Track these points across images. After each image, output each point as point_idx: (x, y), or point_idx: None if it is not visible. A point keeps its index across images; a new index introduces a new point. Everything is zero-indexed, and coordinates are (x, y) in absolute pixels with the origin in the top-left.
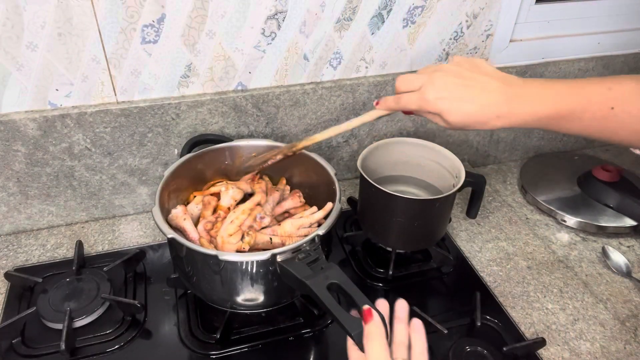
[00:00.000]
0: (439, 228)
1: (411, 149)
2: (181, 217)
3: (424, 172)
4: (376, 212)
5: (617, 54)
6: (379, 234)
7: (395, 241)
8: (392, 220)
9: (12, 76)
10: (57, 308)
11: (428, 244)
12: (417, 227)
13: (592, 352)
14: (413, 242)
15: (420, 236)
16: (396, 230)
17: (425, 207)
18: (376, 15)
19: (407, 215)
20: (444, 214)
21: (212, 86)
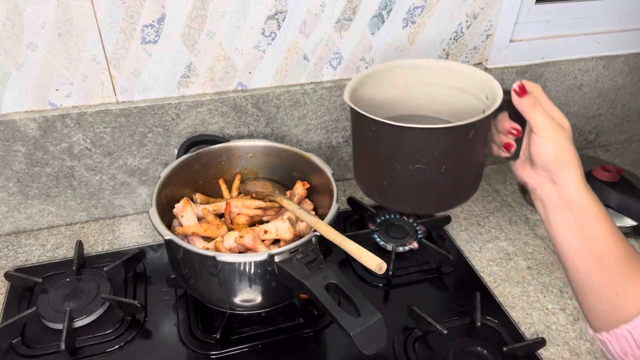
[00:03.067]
0: (475, 173)
1: (415, 74)
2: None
3: (437, 104)
4: (382, 162)
5: (617, 54)
6: (390, 196)
7: (415, 201)
8: (408, 169)
9: (12, 76)
10: (57, 308)
11: (462, 199)
12: (446, 173)
13: (592, 352)
14: (442, 199)
15: (451, 188)
16: (416, 185)
17: (454, 139)
18: (376, 15)
19: (431, 156)
20: (480, 150)
21: (212, 86)
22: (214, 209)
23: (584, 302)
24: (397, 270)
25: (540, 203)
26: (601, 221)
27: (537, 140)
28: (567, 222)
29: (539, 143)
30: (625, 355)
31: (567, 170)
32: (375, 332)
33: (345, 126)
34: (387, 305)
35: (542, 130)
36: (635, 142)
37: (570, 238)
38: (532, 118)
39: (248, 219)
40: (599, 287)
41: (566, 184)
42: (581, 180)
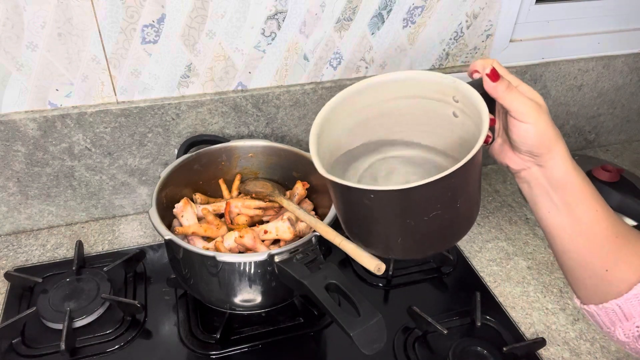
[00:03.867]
0: (480, 191)
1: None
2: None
3: (408, 120)
4: (391, 224)
5: (617, 54)
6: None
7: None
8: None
9: (12, 76)
10: (57, 308)
11: (476, 216)
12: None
13: (592, 352)
14: (458, 231)
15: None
16: (434, 230)
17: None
18: (376, 15)
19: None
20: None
21: (212, 86)
22: (214, 209)
23: (572, 277)
24: (397, 270)
25: (526, 185)
26: (589, 199)
27: (517, 125)
28: (555, 202)
29: (521, 128)
30: (613, 325)
31: (553, 152)
32: (375, 332)
33: None
34: (387, 305)
35: (523, 115)
36: (635, 142)
37: (558, 218)
38: (509, 103)
39: (248, 219)
40: (588, 264)
41: (553, 166)
42: (568, 159)
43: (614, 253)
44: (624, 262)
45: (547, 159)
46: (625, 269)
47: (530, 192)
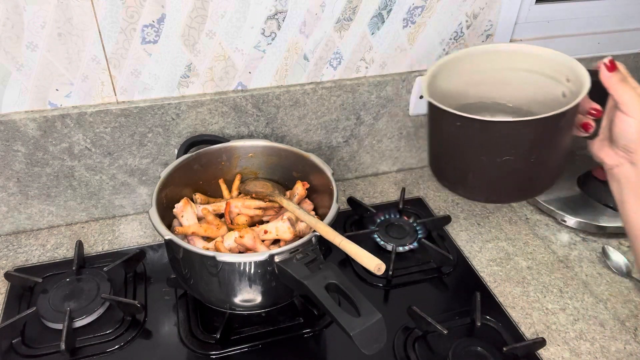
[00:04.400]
0: (562, 159)
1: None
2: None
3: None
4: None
5: (617, 54)
6: (475, 188)
7: (500, 192)
8: (495, 161)
9: (12, 76)
10: (57, 308)
11: (547, 186)
12: (535, 163)
13: (592, 352)
14: (528, 187)
15: (538, 176)
16: (503, 176)
17: (546, 130)
18: (376, 15)
19: (521, 147)
20: (568, 136)
21: (212, 86)
22: (214, 209)
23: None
24: (397, 270)
25: (616, 183)
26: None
27: (621, 118)
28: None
29: (623, 121)
30: None
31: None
32: (375, 332)
33: (345, 126)
34: (387, 305)
35: (628, 107)
36: None
37: None
38: (619, 94)
39: (248, 219)
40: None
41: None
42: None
43: None
44: None
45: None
46: None
47: (620, 192)
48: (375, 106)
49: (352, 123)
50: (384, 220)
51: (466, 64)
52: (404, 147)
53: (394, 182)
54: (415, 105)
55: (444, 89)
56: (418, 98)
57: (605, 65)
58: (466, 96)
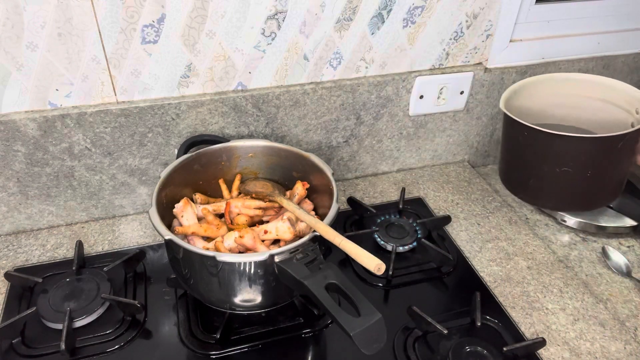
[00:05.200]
0: (619, 180)
1: (566, 87)
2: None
3: (585, 115)
4: (531, 163)
5: (617, 54)
6: (534, 193)
7: (557, 200)
8: (555, 171)
9: (12, 76)
10: (57, 308)
11: (602, 203)
12: (591, 178)
13: (592, 352)
14: (583, 200)
15: (594, 191)
16: (560, 185)
17: (603, 148)
18: (376, 15)
19: (579, 161)
20: (626, 160)
21: (212, 86)
22: (214, 209)
23: None
24: (397, 270)
25: None
26: None
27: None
28: None
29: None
30: None
31: None
32: (375, 332)
33: (345, 126)
34: (387, 305)
35: None
36: None
37: None
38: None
39: (248, 219)
40: None
41: None
42: None
43: None
44: None
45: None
46: None
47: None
48: (375, 106)
49: (352, 123)
50: (384, 220)
51: (547, 88)
52: (404, 147)
53: (394, 182)
54: (415, 105)
55: (524, 106)
56: (418, 98)
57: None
58: (546, 116)
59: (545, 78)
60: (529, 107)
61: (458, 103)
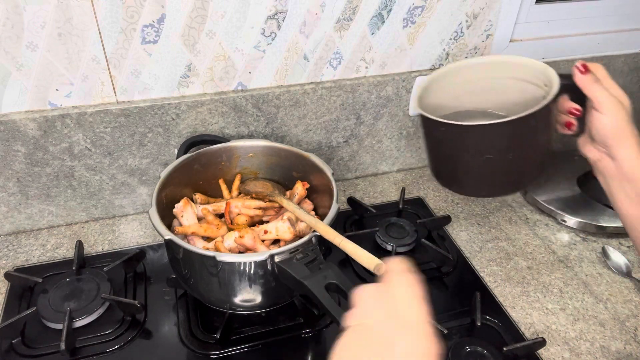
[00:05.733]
0: (542, 156)
1: (476, 71)
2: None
3: (500, 97)
4: (454, 156)
5: (617, 54)
6: (466, 185)
7: (488, 187)
8: (478, 160)
9: (12, 76)
10: (57, 308)
11: (530, 181)
12: (515, 160)
13: (592, 352)
14: (512, 182)
15: (520, 171)
16: (488, 173)
17: (517, 130)
18: (376, 15)
19: (497, 147)
20: (544, 135)
21: (212, 86)
22: (214, 209)
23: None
24: None
25: (602, 176)
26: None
27: (596, 116)
28: (627, 193)
29: (598, 118)
30: None
31: (624, 145)
32: None
33: (345, 126)
34: None
35: (602, 105)
36: None
37: (632, 208)
38: (592, 93)
39: (248, 219)
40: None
41: (623, 158)
42: (638, 154)
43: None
44: None
45: (618, 151)
46: None
47: (606, 183)
48: (375, 106)
49: (352, 123)
50: (384, 220)
51: (457, 77)
52: (404, 147)
53: (394, 182)
54: (415, 105)
55: (438, 100)
56: None
57: (578, 69)
58: (459, 105)
59: (453, 68)
60: (444, 99)
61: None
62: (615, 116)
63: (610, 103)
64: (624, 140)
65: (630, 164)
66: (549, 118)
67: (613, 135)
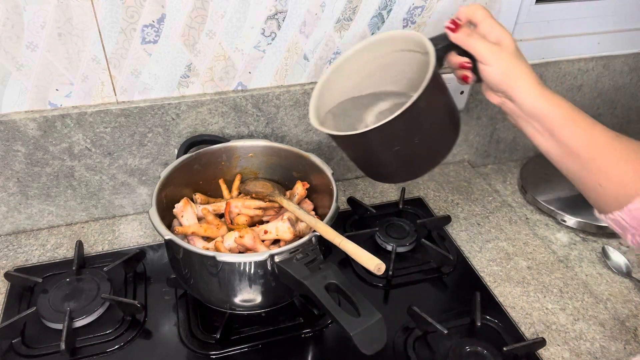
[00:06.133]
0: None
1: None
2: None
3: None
4: (368, 157)
5: (617, 54)
6: (389, 176)
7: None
8: (390, 153)
9: (12, 76)
10: (57, 308)
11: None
12: (423, 141)
13: (592, 352)
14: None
15: (434, 147)
16: (403, 161)
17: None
18: (376, 15)
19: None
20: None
21: (212, 86)
22: (214, 209)
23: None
24: (397, 270)
25: (509, 116)
26: (566, 123)
27: (481, 67)
28: (536, 129)
29: (484, 69)
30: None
31: (517, 87)
32: (375, 332)
33: None
34: (387, 305)
35: (482, 57)
36: None
37: (545, 142)
38: (470, 48)
39: (248, 219)
40: (582, 180)
41: (521, 99)
42: (534, 91)
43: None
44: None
45: (513, 94)
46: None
47: (515, 122)
48: None
49: None
50: (384, 220)
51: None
52: None
53: None
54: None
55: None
56: None
57: (449, 29)
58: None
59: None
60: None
61: (458, 103)
62: (499, 63)
63: (489, 52)
64: (515, 82)
65: (529, 103)
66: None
67: (502, 81)
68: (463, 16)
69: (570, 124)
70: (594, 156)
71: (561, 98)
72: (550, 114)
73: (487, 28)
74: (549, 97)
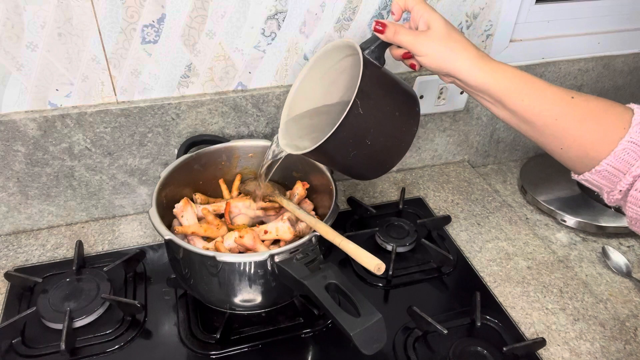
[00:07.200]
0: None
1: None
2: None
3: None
4: (337, 165)
5: (617, 54)
6: (362, 175)
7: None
8: (351, 158)
9: (12, 76)
10: (57, 308)
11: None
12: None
13: (592, 352)
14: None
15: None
16: (366, 161)
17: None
18: (376, 15)
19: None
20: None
21: (212, 86)
22: (214, 209)
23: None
24: (397, 270)
25: (464, 92)
26: (512, 93)
27: (416, 59)
28: (488, 100)
29: (420, 60)
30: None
31: (457, 68)
32: (375, 332)
33: None
34: (387, 305)
35: (413, 49)
36: None
37: (500, 112)
38: (400, 44)
39: (248, 219)
40: (545, 147)
41: (464, 77)
42: (474, 66)
43: (556, 137)
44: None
45: (456, 74)
46: (578, 145)
47: (471, 96)
48: None
49: None
50: (384, 220)
51: (308, 83)
52: None
53: (394, 182)
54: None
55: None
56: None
57: (377, 30)
58: (337, 94)
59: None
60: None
61: (458, 103)
62: (431, 51)
63: (418, 43)
64: (453, 64)
65: (472, 79)
66: (378, 87)
67: (440, 66)
68: (397, 8)
69: (517, 93)
70: (546, 122)
71: (507, 66)
72: (496, 85)
73: (417, 14)
74: (493, 67)
